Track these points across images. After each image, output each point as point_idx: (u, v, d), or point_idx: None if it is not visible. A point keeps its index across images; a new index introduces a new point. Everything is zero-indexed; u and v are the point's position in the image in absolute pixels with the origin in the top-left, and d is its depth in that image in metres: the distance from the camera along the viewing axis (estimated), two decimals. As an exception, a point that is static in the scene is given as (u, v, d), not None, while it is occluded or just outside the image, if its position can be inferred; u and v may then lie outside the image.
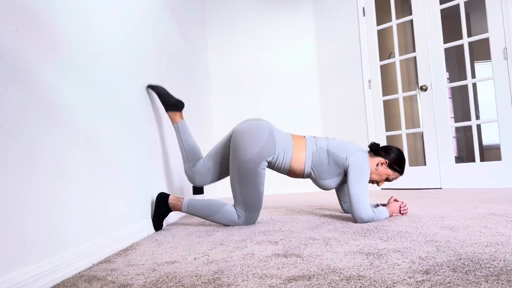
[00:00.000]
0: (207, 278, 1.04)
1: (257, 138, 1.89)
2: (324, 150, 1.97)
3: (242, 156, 1.88)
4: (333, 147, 1.97)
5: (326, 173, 1.96)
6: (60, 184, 1.15)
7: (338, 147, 1.96)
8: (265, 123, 1.97)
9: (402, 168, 2.01)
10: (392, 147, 2.04)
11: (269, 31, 4.64)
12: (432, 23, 3.84)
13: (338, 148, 1.96)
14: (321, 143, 1.99)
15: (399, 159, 2.00)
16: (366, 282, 0.93)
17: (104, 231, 1.42)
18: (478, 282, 0.88)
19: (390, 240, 1.40)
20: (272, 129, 1.96)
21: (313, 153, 1.97)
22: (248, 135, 1.90)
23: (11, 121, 0.95)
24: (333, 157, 1.94)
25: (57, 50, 1.19)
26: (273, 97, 4.59)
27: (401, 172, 2.02)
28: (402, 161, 2.01)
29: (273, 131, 1.95)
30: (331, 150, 1.96)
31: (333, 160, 1.94)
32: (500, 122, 3.49)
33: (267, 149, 1.90)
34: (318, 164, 1.96)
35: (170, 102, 2.15)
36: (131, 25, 1.90)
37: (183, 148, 2.15)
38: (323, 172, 1.96)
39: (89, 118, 1.37)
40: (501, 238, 1.33)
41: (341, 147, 1.96)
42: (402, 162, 2.01)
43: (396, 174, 2.01)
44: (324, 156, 1.96)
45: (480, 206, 2.22)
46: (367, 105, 4.22)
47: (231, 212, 1.94)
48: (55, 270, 1.07)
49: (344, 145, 1.97)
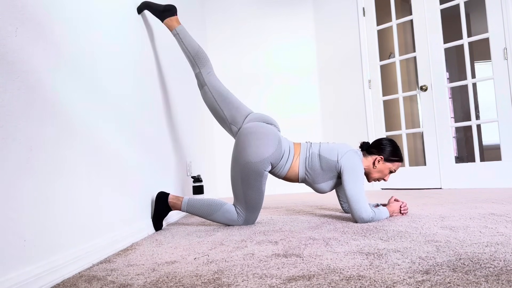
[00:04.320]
0: (207, 278, 1.04)
1: (267, 145, 1.89)
2: (316, 156, 1.97)
3: (249, 158, 1.88)
4: (324, 151, 1.97)
5: (320, 177, 1.97)
6: (60, 184, 1.15)
7: (328, 151, 1.97)
8: (275, 130, 1.97)
9: (400, 156, 2.01)
10: (382, 141, 2.03)
11: (269, 31, 4.64)
12: (432, 23, 3.84)
13: (329, 151, 1.96)
14: (313, 149, 2.00)
15: (393, 150, 2.00)
16: (366, 282, 0.93)
17: (104, 231, 1.42)
18: (478, 282, 0.88)
19: (390, 240, 1.40)
20: (280, 137, 1.97)
21: (306, 159, 1.98)
22: (258, 140, 1.89)
23: (11, 121, 0.95)
24: (325, 162, 1.95)
25: (57, 50, 1.19)
26: (273, 97, 4.59)
27: (400, 160, 2.02)
28: (396, 150, 2.01)
29: (280, 140, 1.96)
30: (322, 155, 1.96)
31: (325, 164, 1.95)
32: (500, 122, 3.49)
33: (275, 156, 1.91)
34: (311, 169, 1.97)
35: (162, 9, 2.09)
36: (130, 25, 1.90)
37: (188, 53, 2.08)
38: (317, 176, 1.97)
39: (89, 118, 1.37)
40: (501, 238, 1.33)
41: (331, 150, 1.97)
42: (396, 151, 2.01)
43: (396, 164, 2.01)
44: (316, 161, 1.96)
45: (480, 206, 2.22)
46: (367, 105, 4.22)
47: (231, 211, 1.94)
48: (55, 270, 1.07)
49: (334, 148, 1.97)
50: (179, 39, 2.10)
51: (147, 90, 2.08)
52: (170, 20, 2.11)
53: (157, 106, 2.23)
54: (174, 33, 2.11)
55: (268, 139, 1.90)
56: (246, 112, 2.04)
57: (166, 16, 2.10)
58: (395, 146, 2.01)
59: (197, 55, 2.09)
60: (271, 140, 1.91)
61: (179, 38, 2.10)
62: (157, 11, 2.09)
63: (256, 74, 4.61)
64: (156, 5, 2.09)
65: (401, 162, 2.03)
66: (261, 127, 1.94)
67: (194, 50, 2.09)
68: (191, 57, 2.09)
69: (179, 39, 2.10)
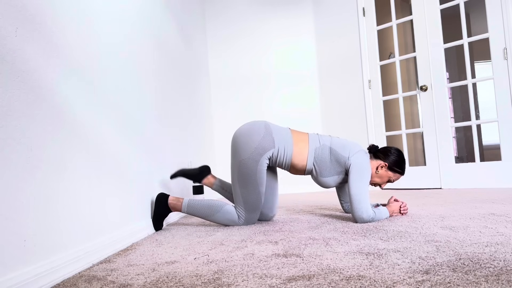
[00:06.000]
0: (207, 278, 1.04)
1: (253, 134, 1.91)
2: (327, 148, 1.97)
3: (241, 155, 1.89)
4: (336, 145, 1.97)
5: (328, 170, 1.96)
6: (60, 184, 1.15)
7: (340, 146, 1.96)
8: (260, 121, 2.00)
9: (403, 169, 2.01)
10: (391, 149, 2.03)
11: (269, 32, 4.64)
12: (432, 23, 3.84)
13: (341, 147, 1.96)
14: (324, 141, 1.99)
15: (399, 161, 1.99)
16: (366, 282, 0.93)
17: (104, 231, 1.42)
18: (478, 282, 0.88)
19: (390, 240, 1.40)
20: (268, 124, 1.98)
21: (316, 149, 1.97)
22: (245, 135, 1.93)
23: (11, 121, 0.95)
24: (335, 155, 1.94)
25: (57, 50, 1.19)
26: (273, 97, 4.59)
27: (401, 173, 2.01)
28: (401, 162, 2.00)
29: (269, 126, 1.96)
30: (333, 148, 1.96)
31: (335, 158, 1.95)
32: (500, 122, 3.48)
33: (265, 144, 1.90)
34: (320, 160, 1.96)
35: (196, 173, 2.24)
36: (131, 25, 1.90)
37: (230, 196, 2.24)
38: (325, 169, 1.96)
39: (89, 118, 1.37)
40: (501, 238, 1.33)
41: (343, 146, 1.96)
42: (402, 163, 2.00)
43: (397, 175, 2.01)
44: (327, 153, 1.96)
45: (480, 206, 2.22)
46: (367, 105, 4.22)
47: (231, 212, 1.94)
48: (55, 270, 1.07)
49: (346, 145, 1.97)
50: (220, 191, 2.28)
51: (147, 90, 2.08)
52: (207, 180, 2.29)
53: (157, 106, 2.23)
54: (215, 189, 2.29)
55: (253, 130, 1.93)
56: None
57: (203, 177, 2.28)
58: (401, 158, 2.01)
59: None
60: (256, 130, 1.93)
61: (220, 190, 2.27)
62: (194, 176, 2.26)
63: (256, 74, 4.61)
64: (191, 171, 2.26)
65: (403, 175, 2.03)
66: (244, 126, 1.98)
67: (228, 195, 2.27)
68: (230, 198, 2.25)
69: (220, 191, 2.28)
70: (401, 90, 4.07)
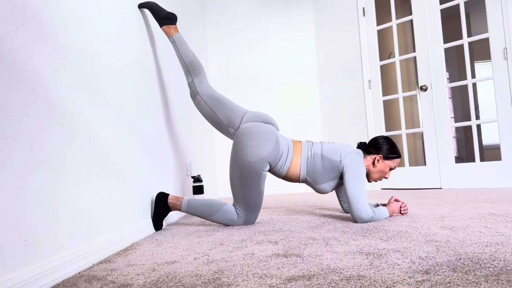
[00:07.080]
0: (207, 278, 1.04)
1: (265, 144, 1.89)
2: (318, 156, 1.97)
3: (247, 157, 1.87)
4: (327, 151, 1.97)
5: (322, 177, 1.97)
6: (60, 184, 1.15)
7: (331, 151, 1.97)
8: (273, 129, 1.97)
9: (397, 152, 2.01)
10: (377, 140, 2.03)
11: (269, 32, 4.64)
12: (432, 23, 3.84)
13: (332, 151, 1.96)
14: (315, 149, 1.99)
15: (390, 147, 2.00)
16: (366, 282, 0.93)
17: (104, 231, 1.42)
18: (478, 282, 0.88)
19: (390, 240, 1.40)
20: (278, 136, 1.96)
21: (308, 159, 1.97)
22: (255, 139, 1.89)
23: (11, 121, 0.95)
24: (327, 162, 1.95)
25: (57, 50, 1.19)
26: (273, 97, 4.59)
27: (398, 156, 2.02)
28: (394, 147, 2.01)
29: (278, 139, 1.95)
30: (325, 155, 1.96)
31: (328, 165, 1.95)
32: (500, 122, 3.49)
33: (272, 155, 1.91)
34: (313, 170, 1.97)
35: (163, 15, 2.14)
36: (130, 24, 1.91)
37: (183, 61, 2.12)
38: (318, 177, 1.97)
39: (89, 118, 1.37)
40: (501, 238, 1.33)
41: (334, 150, 1.96)
42: (394, 147, 2.01)
43: (395, 161, 2.01)
44: (319, 161, 1.96)
45: (480, 206, 2.22)
46: (367, 105, 4.22)
47: (231, 212, 1.94)
48: (55, 270, 1.07)
49: (337, 148, 1.97)
50: (175, 46, 2.14)
51: (147, 90, 2.08)
52: (168, 28, 2.16)
53: (157, 106, 2.23)
54: (171, 40, 2.15)
55: (266, 138, 1.90)
56: (241, 112, 2.04)
57: (165, 23, 2.15)
58: (391, 143, 2.01)
59: (192, 64, 2.12)
60: (268, 139, 1.91)
61: (175, 45, 2.14)
62: (158, 15, 2.13)
63: (256, 74, 4.61)
64: (158, 9, 2.12)
65: (400, 158, 2.03)
66: (258, 126, 1.94)
67: (189, 59, 2.12)
68: (185, 65, 2.13)
69: (175, 47, 2.14)
70: (401, 90, 4.07)
